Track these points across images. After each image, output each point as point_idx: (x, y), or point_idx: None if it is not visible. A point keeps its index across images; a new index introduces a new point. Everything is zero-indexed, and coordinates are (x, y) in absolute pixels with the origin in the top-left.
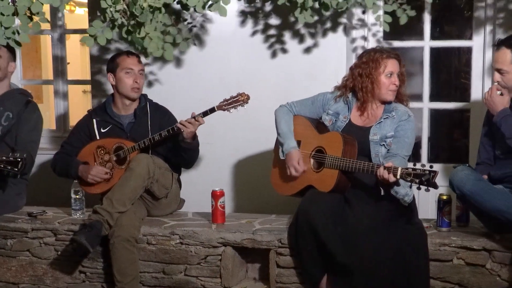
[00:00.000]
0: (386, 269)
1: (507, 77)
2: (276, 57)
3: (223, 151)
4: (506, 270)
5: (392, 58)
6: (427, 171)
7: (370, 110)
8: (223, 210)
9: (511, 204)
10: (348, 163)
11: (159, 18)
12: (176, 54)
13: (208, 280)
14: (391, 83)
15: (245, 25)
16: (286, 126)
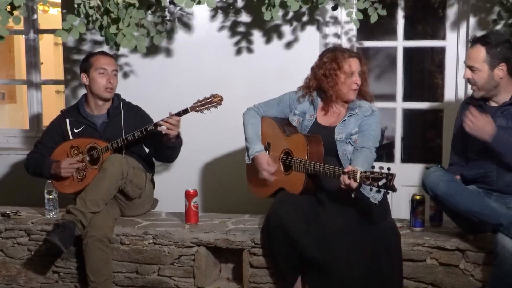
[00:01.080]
0: (360, 269)
1: (478, 75)
2: (248, 55)
3: (196, 151)
4: (480, 270)
5: (353, 57)
6: (384, 174)
7: (334, 109)
8: (196, 210)
9: (484, 205)
10: (313, 167)
11: (133, 14)
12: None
13: (182, 280)
14: (353, 82)
15: (218, 23)
16: (252, 130)
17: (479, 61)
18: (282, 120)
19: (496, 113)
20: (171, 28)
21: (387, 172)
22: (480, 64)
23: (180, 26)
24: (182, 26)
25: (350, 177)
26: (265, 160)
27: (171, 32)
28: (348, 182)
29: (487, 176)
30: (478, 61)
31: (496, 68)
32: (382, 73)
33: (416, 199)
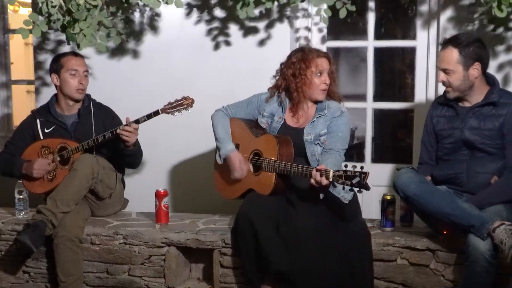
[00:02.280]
0: (330, 270)
1: (453, 77)
2: (220, 54)
3: (166, 151)
4: (450, 270)
5: (322, 57)
6: (357, 173)
7: (303, 110)
8: (167, 210)
9: (455, 206)
10: (283, 166)
11: (95, 14)
12: (123, 51)
13: (152, 280)
14: (321, 82)
15: (191, 20)
16: (222, 130)
17: (453, 63)
18: (251, 122)
19: (468, 113)
20: (140, 30)
21: (360, 170)
22: (454, 66)
23: (149, 28)
24: (150, 28)
25: (322, 175)
26: (237, 160)
27: (140, 34)
28: (319, 179)
29: (457, 177)
30: (451, 63)
31: (471, 68)
32: (352, 73)
33: (386, 199)
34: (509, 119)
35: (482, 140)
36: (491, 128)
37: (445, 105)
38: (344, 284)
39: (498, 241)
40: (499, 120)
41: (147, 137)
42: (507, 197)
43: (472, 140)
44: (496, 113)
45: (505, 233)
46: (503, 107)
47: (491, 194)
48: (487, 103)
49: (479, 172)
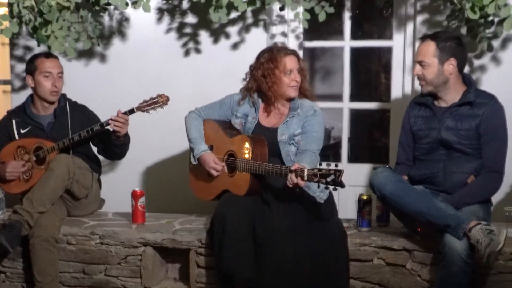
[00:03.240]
0: (306, 269)
1: (428, 70)
2: (195, 56)
3: (142, 151)
4: (427, 270)
5: (290, 55)
6: (332, 171)
7: (276, 110)
8: (143, 210)
9: (431, 206)
10: (258, 167)
11: (67, 17)
12: (97, 52)
13: (128, 280)
14: (291, 80)
15: (163, 24)
16: (195, 131)
17: (429, 55)
18: (224, 123)
19: (445, 113)
20: (110, 33)
21: (335, 168)
22: (430, 59)
23: (119, 31)
24: (119, 32)
25: (298, 175)
26: (211, 159)
27: (110, 37)
28: (296, 181)
29: (434, 177)
30: (427, 56)
31: (446, 63)
32: (329, 73)
33: (363, 199)
34: (485, 119)
35: (459, 140)
36: (468, 128)
37: (422, 105)
38: (320, 284)
39: (474, 241)
40: (475, 120)
41: None
42: (483, 197)
43: (449, 140)
44: (473, 113)
45: (481, 233)
46: (479, 107)
47: (467, 194)
48: (464, 103)
49: (456, 171)
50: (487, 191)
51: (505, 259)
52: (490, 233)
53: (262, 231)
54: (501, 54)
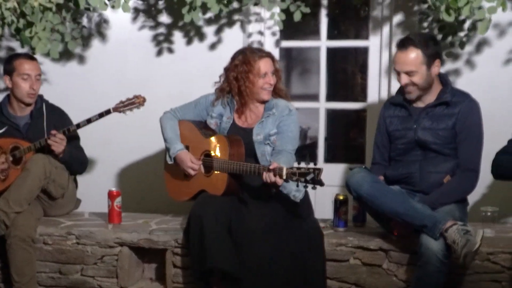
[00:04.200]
0: (283, 269)
1: (417, 77)
2: (172, 56)
3: (119, 151)
4: (403, 270)
5: (264, 57)
6: (311, 169)
7: (251, 110)
8: (119, 210)
9: (407, 206)
10: (235, 166)
11: (49, 18)
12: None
13: (105, 280)
14: (265, 83)
15: (140, 25)
16: (171, 131)
17: (417, 64)
18: (200, 123)
19: (421, 114)
20: (89, 34)
21: (314, 166)
22: (419, 67)
23: (98, 32)
24: (98, 34)
25: (276, 174)
26: (188, 158)
27: (88, 38)
28: (273, 179)
29: (410, 177)
30: (416, 64)
31: (432, 66)
32: (305, 73)
33: (339, 199)
34: (461, 118)
35: (435, 141)
36: (445, 128)
37: (398, 106)
38: (296, 284)
39: (450, 241)
40: (452, 119)
41: (100, 137)
42: (459, 196)
43: (426, 140)
44: (449, 113)
45: (458, 233)
46: (455, 106)
47: (443, 194)
48: (440, 103)
49: (432, 171)
50: (464, 191)
51: (481, 259)
52: (466, 233)
53: (239, 231)
54: (475, 57)
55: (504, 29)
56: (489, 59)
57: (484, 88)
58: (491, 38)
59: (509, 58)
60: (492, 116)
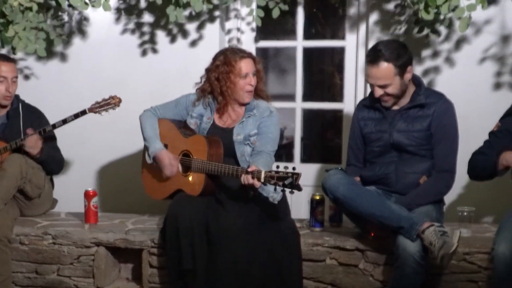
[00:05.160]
0: (259, 269)
1: (392, 88)
2: (151, 55)
3: (95, 151)
4: (379, 270)
5: (246, 58)
6: (289, 174)
7: (232, 110)
8: (95, 210)
9: (384, 208)
10: (213, 167)
11: (30, 17)
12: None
13: (81, 280)
14: (246, 84)
15: (121, 24)
16: (151, 130)
17: (390, 77)
18: (179, 123)
19: (396, 117)
20: (70, 32)
21: (292, 171)
22: (391, 79)
23: (79, 30)
24: (79, 31)
25: (254, 177)
26: (167, 157)
27: (69, 36)
28: (251, 182)
29: (386, 178)
30: (389, 78)
31: (405, 74)
32: (282, 73)
33: (315, 199)
34: (436, 118)
35: (410, 143)
36: (420, 129)
37: (371, 108)
38: (272, 284)
39: (427, 242)
40: (426, 121)
41: (76, 137)
42: (435, 197)
43: (401, 143)
44: (424, 114)
45: (434, 234)
46: (429, 107)
47: (419, 194)
48: (414, 105)
49: (408, 172)
50: (440, 191)
51: (458, 259)
52: (443, 234)
53: (216, 230)
54: (455, 55)
55: (480, 27)
56: (468, 57)
57: (462, 86)
58: (468, 36)
59: (485, 57)
60: (469, 113)
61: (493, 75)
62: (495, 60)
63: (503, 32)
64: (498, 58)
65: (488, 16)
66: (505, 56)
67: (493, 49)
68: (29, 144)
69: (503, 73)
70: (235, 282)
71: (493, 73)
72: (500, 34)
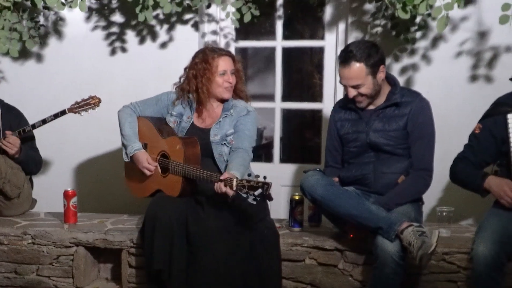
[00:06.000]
0: (238, 270)
1: (365, 88)
2: (126, 55)
3: (74, 151)
4: (359, 270)
5: (224, 56)
6: (260, 183)
7: (210, 110)
8: (75, 210)
9: (362, 209)
10: (188, 171)
11: (7, 16)
12: (32, 53)
13: (61, 280)
14: (224, 81)
15: (94, 24)
16: (130, 128)
17: (362, 77)
18: (158, 121)
19: (372, 116)
20: (45, 32)
21: (263, 181)
22: (364, 79)
23: (55, 30)
24: (54, 32)
25: (226, 185)
26: (145, 158)
27: (45, 37)
28: (224, 190)
29: (364, 178)
30: (361, 78)
31: (378, 73)
32: (261, 73)
33: (294, 199)
34: (412, 117)
35: (387, 142)
36: (396, 129)
37: (347, 109)
38: (252, 284)
39: (406, 243)
40: (403, 120)
41: (55, 137)
42: (413, 196)
43: (378, 142)
44: (400, 113)
45: (413, 234)
46: (405, 106)
47: (398, 194)
48: (390, 104)
49: (386, 172)
50: (418, 190)
51: (437, 259)
52: (422, 235)
53: (195, 231)
54: (432, 53)
55: (457, 24)
56: (445, 53)
57: (440, 83)
58: (445, 33)
59: (461, 51)
60: (447, 110)
61: (469, 69)
62: (472, 55)
63: (479, 29)
64: (475, 54)
65: (465, 14)
66: (481, 51)
67: (469, 45)
68: (8, 144)
69: (479, 67)
70: (215, 282)
71: (470, 68)
72: (476, 30)
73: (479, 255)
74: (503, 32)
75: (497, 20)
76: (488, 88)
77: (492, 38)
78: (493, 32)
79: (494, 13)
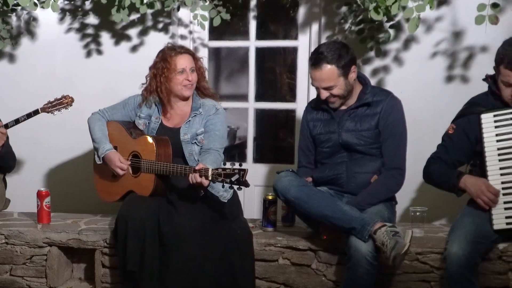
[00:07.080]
0: (211, 270)
1: (336, 89)
2: (99, 57)
3: (48, 151)
4: (332, 270)
5: (183, 54)
6: (236, 170)
7: (176, 109)
8: (48, 210)
9: (336, 209)
10: (161, 167)
11: None
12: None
13: (34, 280)
14: (183, 79)
15: (67, 25)
16: (99, 132)
17: (334, 79)
18: (128, 124)
19: (344, 116)
20: (18, 33)
21: (239, 167)
22: (335, 81)
23: (27, 31)
24: (27, 32)
25: (202, 175)
26: (117, 158)
27: (17, 37)
28: (199, 180)
29: (337, 178)
30: (333, 79)
31: (349, 74)
32: (234, 73)
33: (268, 199)
34: (383, 116)
35: (359, 142)
36: (368, 128)
37: (320, 109)
38: (225, 284)
39: (379, 243)
40: (374, 119)
41: (29, 137)
42: (386, 195)
43: (350, 142)
44: (371, 112)
45: (386, 235)
46: (377, 105)
47: (370, 194)
48: (361, 104)
49: (359, 172)
50: (390, 189)
51: (410, 259)
52: (395, 235)
53: (168, 231)
54: (403, 54)
55: (431, 24)
56: (418, 54)
57: (413, 84)
58: (418, 35)
59: (436, 51)
60: (421, 111)
61: (445, 70)
62: (447, 56)
63: (454, 29)
64: (450, 54)
65: (439, 14)
66: (457, 52)
67: (444, 45)
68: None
69: (455, 67)
70: (188, 282)
71: (445, 68)
72: (451, 31)
73: (452, 255)
74: (478, 32)
75: (472, 20)
76: (463, 88)
77: (467, 38)
78: (468, 32)
79: (468, 13)
